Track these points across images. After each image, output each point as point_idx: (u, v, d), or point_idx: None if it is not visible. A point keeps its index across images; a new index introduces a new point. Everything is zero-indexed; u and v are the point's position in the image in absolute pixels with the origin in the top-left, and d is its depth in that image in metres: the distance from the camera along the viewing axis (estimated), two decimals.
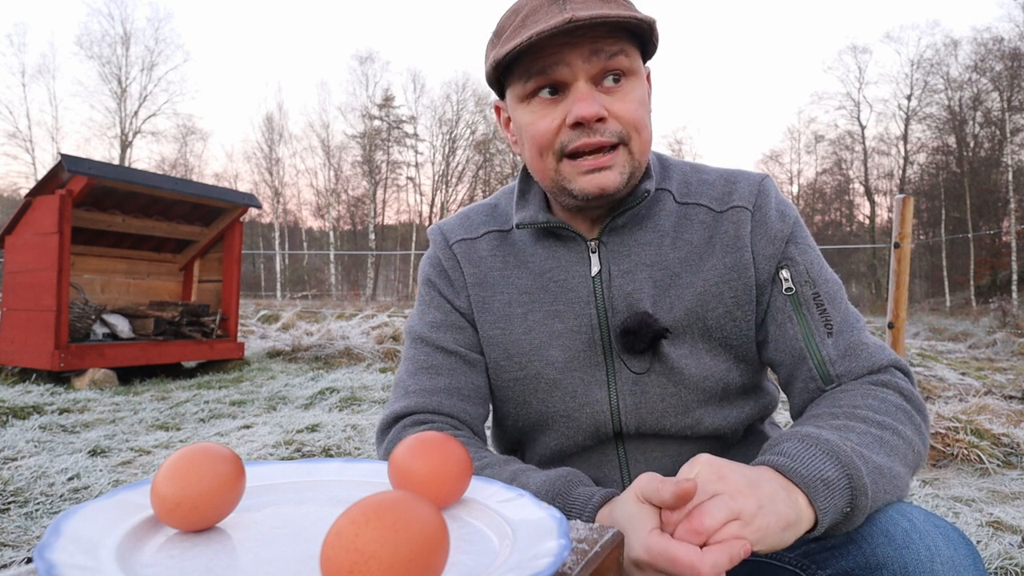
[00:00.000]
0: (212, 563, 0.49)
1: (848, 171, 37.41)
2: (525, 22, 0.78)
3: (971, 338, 9.90)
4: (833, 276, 0.87)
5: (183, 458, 0.55)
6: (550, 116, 0.80)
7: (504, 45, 0.78)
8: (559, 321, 0.88)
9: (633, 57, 0.81)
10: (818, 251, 0.88)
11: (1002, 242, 28.64)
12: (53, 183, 4.91)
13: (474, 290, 0.93)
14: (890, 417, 0.74)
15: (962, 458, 2.93)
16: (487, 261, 0.93)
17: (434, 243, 0.98)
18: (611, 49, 0.78)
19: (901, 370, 0.81)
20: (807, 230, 0.90)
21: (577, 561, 0.51)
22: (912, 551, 0.61)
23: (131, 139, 35.90)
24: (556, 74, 0.78)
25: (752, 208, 0.87)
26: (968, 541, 0.64)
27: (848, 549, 0.65)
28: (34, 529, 2.05)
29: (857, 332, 0.83)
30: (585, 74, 0.78)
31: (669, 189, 0.90)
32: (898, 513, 0.66)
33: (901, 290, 3.92)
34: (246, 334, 8.28)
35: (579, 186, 0.81)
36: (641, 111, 0.81)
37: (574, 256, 0.89)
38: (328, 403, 4.25)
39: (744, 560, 0.76)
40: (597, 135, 0.78)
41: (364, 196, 37.52)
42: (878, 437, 0.71)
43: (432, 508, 0.44)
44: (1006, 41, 29.22)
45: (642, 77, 0.83)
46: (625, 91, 0.80)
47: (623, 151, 0.81)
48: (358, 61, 40.25)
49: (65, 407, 3.95)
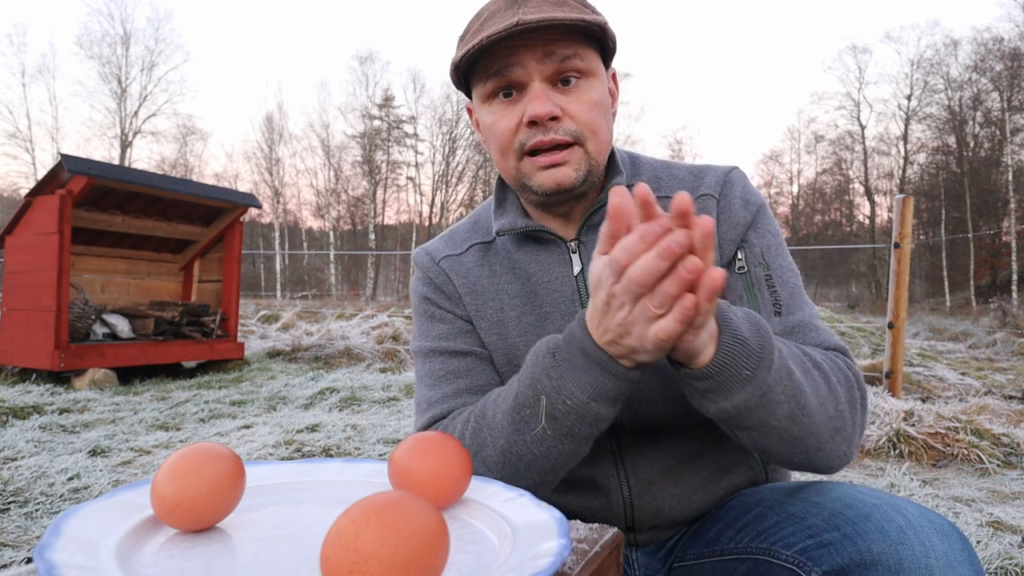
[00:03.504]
0: (212, 563, 0.49)
1: (848, 171, 37.45)
2: (483, 26, 0.81)
3: (971, 338, 9.90)
4: (790, 264, 0.89)
5: (183, 458, 0.55)
6: (508, 116, 0.83)
7: (462, 47, 0.82)
8: (550, 323, 0.89)
9: (589, 59, 0.83)
10: (781, 239, 0.90)
11: (1002, 242, 28.64)
12: (53, 183, 4.91)
13: (468, 299, 0.95)
14: (829, 370, 0.75)
15: (962, 458, 2.93)
16: (474, 272, 0.95)
17: (420, 265, 1.00)
18: (564, 52, 0.80)
19: (847, 357, 0.82)
20: (772, 219, 0.91)
21: (577, 561, 0.51)
22: (907, 547, 0.61)
23: (131, 139, 35.92)
24: (512, 75, 0.81)
25: (718, 196, 0.89)
26: (963, 536, 0.63)
27: (843, 545, 0.65)
28: (34, 529, 2.05)
29: (807, 316, 0.84)
30: (540, 75, 0.81)
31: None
32: (893, 509, 0.66)
33: (901, 290, 3.92)
34: (246, 334, 8.27)
35: (537, 182, 0.84)
36: (595, 112, 0.83)
37: (556, 258, 0.91)
38: (328, 403, 4.25)
39: (739, 559, 0.77)
40: (552, 133, 0.81)
41: (364, 196, 37.53)
42: (806, 367, 0.72)
43: (432, 508, 0.44)
44: (1006, 41, 29.25)
45: (600, 78, 0.85)
46: (580, 92, 0.83)
47: (578, 149, 0.83)
48: (358, 61, 40.30)
49: (65, 407, 3.95)
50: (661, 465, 0.87)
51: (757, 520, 0.77)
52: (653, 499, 0.87)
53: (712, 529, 0.84)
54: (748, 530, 0.77)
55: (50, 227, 4.81)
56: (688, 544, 0.87)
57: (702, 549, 0.83)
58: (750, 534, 0.77)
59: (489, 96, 0.84)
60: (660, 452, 0.88)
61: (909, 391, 4.61)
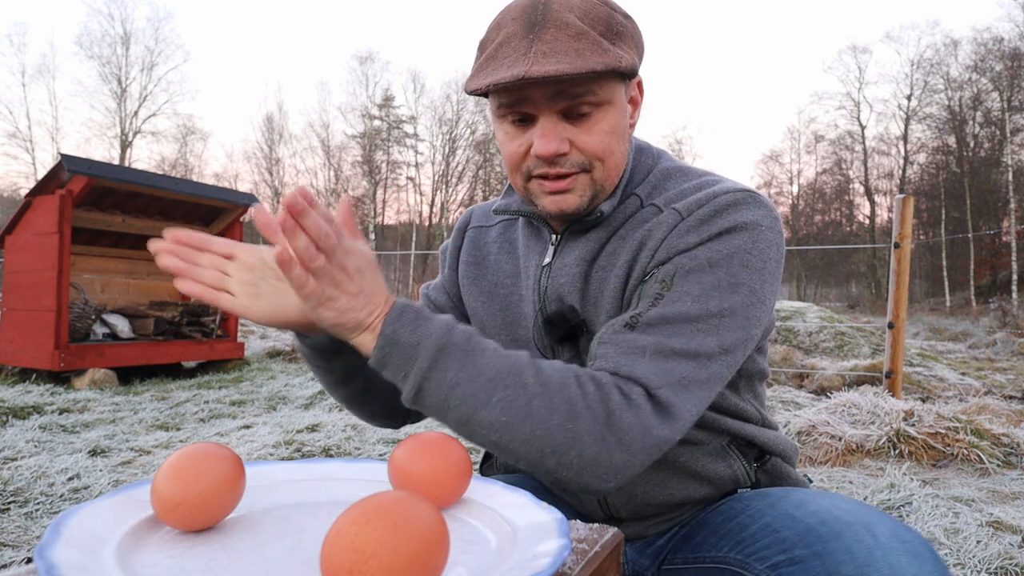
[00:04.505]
0: (212, 563, 0.49)
1: (848, 171, 37.45)
2: (496, 53, 0.80)
3: (971, 338, 9.91)
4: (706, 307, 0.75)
5: (183, 458, 0.55)
6: (518, 141, 0.84)
7: (472, 79, 0.81)
8: (524, 304, 0.94)
9: (603, 91, 0.80)
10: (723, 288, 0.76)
11: (1002, 242, 28.65)
12: (53, 183, 4.91)
13: (466, 268, 1.03)
14: (556, 389, 0.69)
15: (962, 458, 2.93)
16: (489, 245, 1.03)
17: (456, 226, 1.10)
18: (575, 91, 0.78)
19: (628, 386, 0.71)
20: (740, 269, 0.78)
21: (577, 561, 0.51)
22: (873, 569, 0.61)
23: (131, 139, 35.91)
24: (522, 107, 0.81)
25: (686, 214, 0.81)
26: (936, 557, 0.63)
27: (812, 564, 0.65)
28: (34, 529, 2.05)
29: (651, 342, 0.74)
30: (549, 110, 0.80)
31: (638, 194, 0.90)
32: (864, 528, 0.65)
33: (901, 290, 3.92)
34: (246, 334, 8.28)
35: (542, 204, 0.86)
36: (608, 140, 0.82)
37: (539, 246, 0.95)
38: (328, 403, 4.25)
39: (719, 568, 0.77)
40: (557, 167, 0.82)
41: (364, 196, 37.52)
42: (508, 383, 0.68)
43: (432, 508, 0.44)
44: (1006, 41, 29.25)
45: (616, 104, 0.82)
46: (592, 123, 0.81)
47: (584, 176, 0.83)
48: (358, 61, 40.25)
49: (65, 407, 3.95)
50: None
51: (738, 529, 0.78)
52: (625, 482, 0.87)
53: (699, 534, 0.85)
54: (729, 538, 0.78)
55: (50, 227, 4.81)
56: (677, 547, 0.88)
57: (688, 554, 0.85)
58: (730, 543, 0.78)
59: (501, 116, 0.85)
60: None
61: (909, 391, 4.61)
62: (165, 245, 0.73)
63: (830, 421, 3.22)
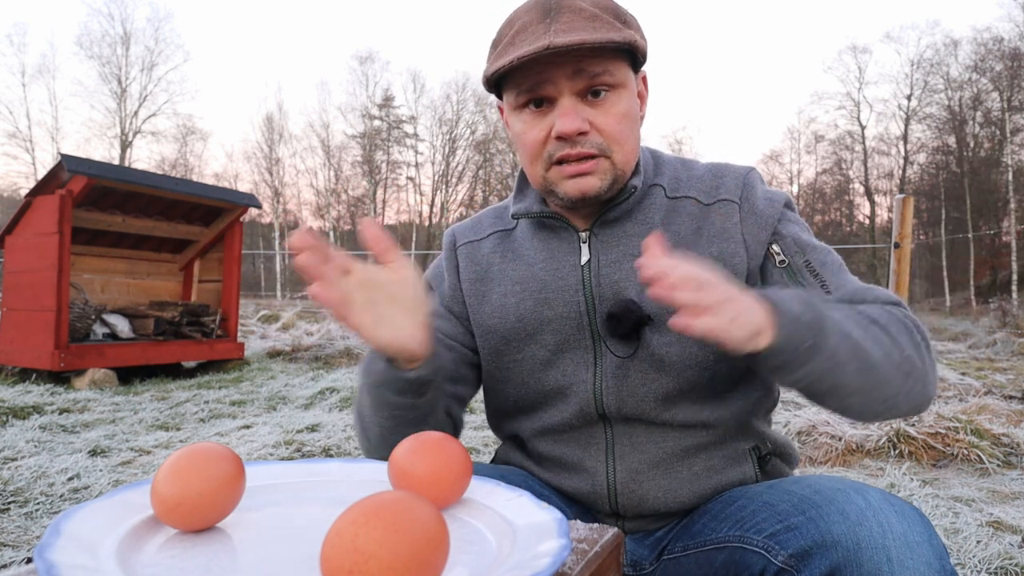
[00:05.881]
0: (212, 563, 0.49)
1: (848, 171, 37.43)
2: (515, 39, 0.84)
3: (971, 338, 9.90)
4: (824, 245, 0.91)
5: (183, 458, 0.55)
6: (538, 127, 0.86)
7: (494, 62, 0.85)
8: (548, 308, 0.93)
9: (618, 72, 0.85)
10: (806, 227, 0.93)
11: (1002, 242, 28.64)
12: (53, 183, 4.91)
13: (469, 286, 1.00)
14: (887, 322, 0.79)
15: (962, 458, 2.93)
16: (488, 258, 1.01)
17: (444, 246, 1.07)
18: (594, 69, 0.83)
19: (902, 307, 0.85)
20: (796, 211, 0.94)
21: (577, 561, 0.51)
22: (865, 528, 0.63)
23: (131, 139, 35.92)
24: (542, 90, 0.84)
25: (739, 200, 0.91)
26: (924, 519, 0.65)
27: (807, 528, 0.67)
28: (34, 529, 2.05)
29: (853, 285, 0.87)
30: (569, 90, 0.84)
31: (661, 184, 0.95)
32: (856, 492, 0.68)
33: (901, 290, 3.92)
34: (246, 334, 8.28)
35: (564, 190, 0.88)
36: (623, 123, 0.86)
37: (565, 246, 0.94)
38: (328, 403, 4.25)
39: (718, 548, 0.78)
40: (579, 147, 0.85)
41: (364, 196, 37.53)
42: (864, 324, 0.76)
43: (432, 508, 0.44)
44: (1006, 41, 29.23)
45: (629, 88, 0.87)
46: (609, 104, 0.85)
47: (605, 161, 0.86)
48: (358, 61, 40.20)
49: (65, 407, 3.95)
50: (650, 457, 0.89)
51: (737, 511, 0.80)
52: (638, 487, 0.89)
53: (699, 522, 0.86)
54: (728, 520, 0.80)
55: (50, 227, 4.81)
56: (677, 537, 0.89)
57: (688, 542, 0.86)
58: (728, 523, 0.79)
59: (520, 106, 0.87)
60: (652, 445, 0.90)
61: None
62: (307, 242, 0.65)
63: (830, 421, 3.22)
